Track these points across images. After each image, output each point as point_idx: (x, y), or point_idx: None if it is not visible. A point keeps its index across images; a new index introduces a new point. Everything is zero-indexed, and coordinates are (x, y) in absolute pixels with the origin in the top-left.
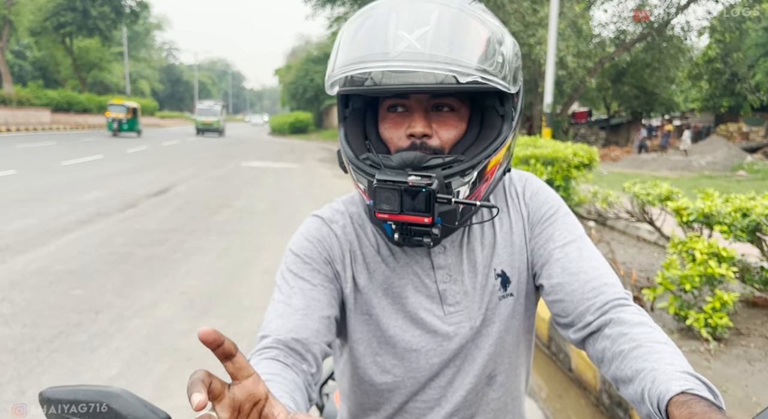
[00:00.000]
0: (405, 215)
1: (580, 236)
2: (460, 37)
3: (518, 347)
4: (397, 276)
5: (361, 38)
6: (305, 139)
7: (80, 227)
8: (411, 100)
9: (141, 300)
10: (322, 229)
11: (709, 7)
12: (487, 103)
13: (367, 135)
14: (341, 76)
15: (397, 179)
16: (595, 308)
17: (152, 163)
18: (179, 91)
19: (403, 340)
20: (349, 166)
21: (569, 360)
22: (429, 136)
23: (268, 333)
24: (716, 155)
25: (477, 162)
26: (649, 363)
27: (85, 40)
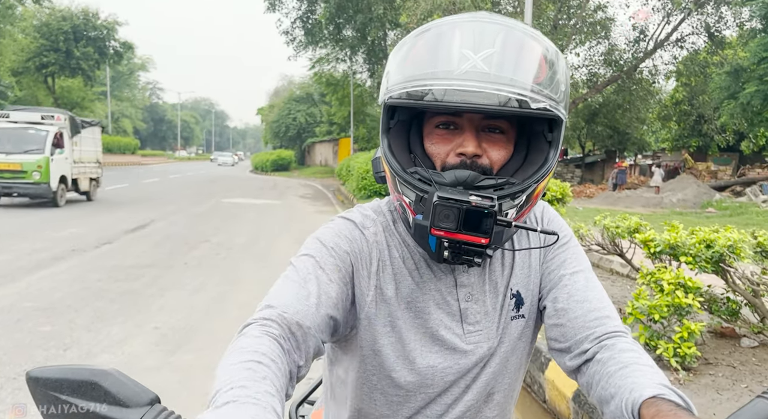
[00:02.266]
0: (463, 234)
1: (588, 268)
2: (526, 62)
3: (519, 369)
4: (421, 291)
5: (423, 54)
6: (287, 176)
7: (54, 264)
8: (463, 119)
9: (111, 336)
10: (354, 231)
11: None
12: (535, 128)
13: (412, 149)
14: (400, 92)
15: (460, 198)
16: (593, 337)
17: (131, 200)
18: (162, 130)
19: (422, 355)
20: (396, 178)
21: (543, 391)
22: (479, 156)
23: (276, 305)
24: (686, 192)
25: (527, 186)
26: (630, 379)
27: (67, 80)
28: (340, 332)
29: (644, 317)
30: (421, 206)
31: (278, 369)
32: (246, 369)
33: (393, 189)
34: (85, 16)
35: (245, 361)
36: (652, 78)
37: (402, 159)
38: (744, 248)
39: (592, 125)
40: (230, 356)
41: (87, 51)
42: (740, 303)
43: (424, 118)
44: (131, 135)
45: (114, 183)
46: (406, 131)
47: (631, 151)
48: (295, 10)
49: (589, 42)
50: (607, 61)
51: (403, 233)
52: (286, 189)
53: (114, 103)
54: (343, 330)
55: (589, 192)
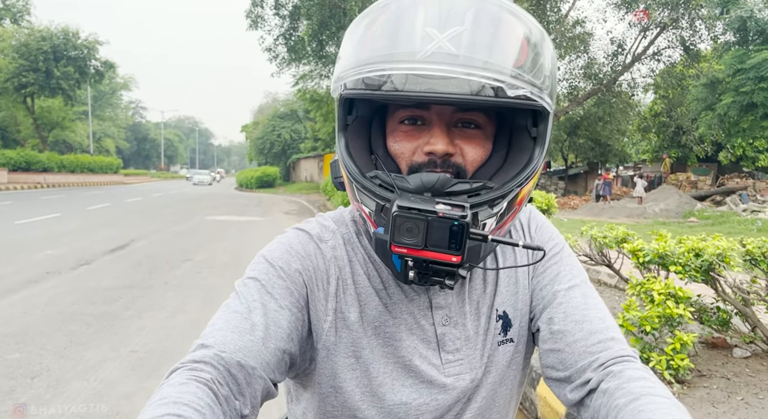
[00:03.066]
0: (429, 251)
1: (585, 281)
2: (502, 41)
3: (510, 402)
4: (390, 315)
5: (380, 34)
6: (273, 193)
7: (27, 287)
8: (431, 113)
9: (84, 361)
10: (308, 245)
11: (652, 66)
12: (517, 122)
13: (373, 149)
14: (354, 78)
15: (424, 208)
16: (597, 364)
17: (112, 219)
18: (145, 149)
19: (392, 390)
20: (352, 184)
21: (535, 408)
22: (451, 154)
23: (211, 344)
24: (669, 202)
25: (508, 191)
26: (644, 414)
27: (47, 101)
28: (298, 365)
29: (635, 328)
30: (382, 217)
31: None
32: None
33: (352, 197)
34: (66, 36)
35: (159, 417)
36: (631, 91)
37: (361, 162)
38: (733, 256)
39: (573, 138)
40: (147, 409)
41: (67, 70)
42: (730, 313)
43: (387, 113)
44: (114, 155)
45: (96, 203)
46: (367, 129)
47: (612, 162)
48: (278, 27)
49: (569, 56)
50: (587, 74)
51: (368, 247)
52: (272, 206)
53: (96, 123)
54: (300, 363)
55: (573, 204)
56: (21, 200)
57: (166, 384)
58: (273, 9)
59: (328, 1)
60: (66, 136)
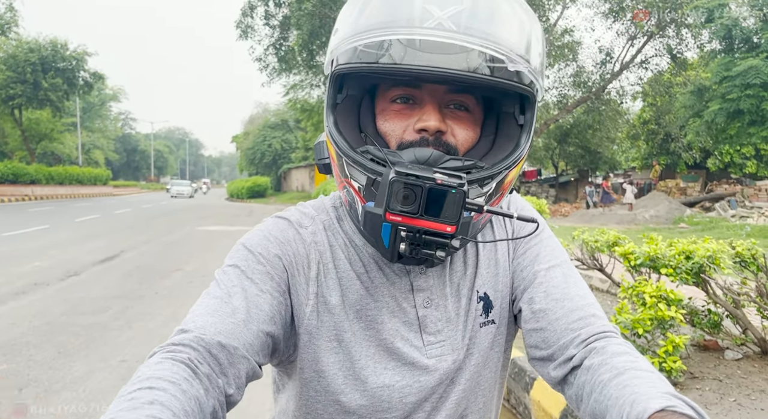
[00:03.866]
0: (425, 220)
1: (566, 261)
2: (501, 22)
3: (494, 385)
4: (372, 298)
5: (379, 7)
6: (264, 202)
7: (14, 299)
8: (423, 92)
9: (73, 372)
10: (287, 231)
11: (640, 74)
12: (505, 109)
13: (363, 128)
14: (349, 48)
15: (423, 174)
16: (579, 340)
17: (102, 231)
18: (135, 160)
19: (375, 373)
20: (342, 159)
21: (529, 412)
22: (443, 132)
23: (191, 329)
24: (659, 209)
25: (498, 171)
26: (629, 388)
27: (35, 112)
28: (282, 351)
29: (628, 331)
30: (373, 191)
31: (179, 391)
32: (128, 400)
33: (339, 174)
34: (54, 47)
35: (131, 392)
36: (620, 98)
37: (351, 138)
38: (723, 258)
39: (564, 146)
40: (121, 389)
41: (55, 82)
42: (721, 315)
43: (377, 92)
44: (103, 166)
45: (85, 215)
46: (356, 108)
47: (602, 170)
48: (268, 37)
49: (558, 64)
50: (576, 82)
51: (350, 231)
52: (263, 215)
53: (85, 135)
54: (284, 349)
55: (564, 211)
56: (8, 212)
57: (143, 366)
58: (263, 19)
59: (318, 12)
60: (54, 148)
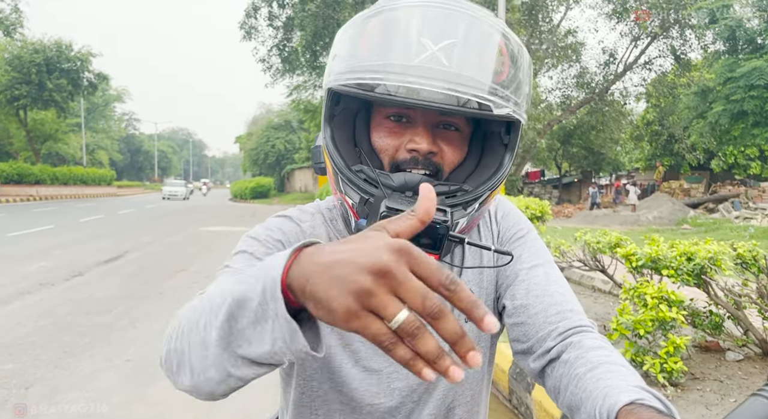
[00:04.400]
0: None
1: (548, 262)
2: (490, 59)
3: (482, 379)
4: None
5: (377, 40)
6: (267, 203)
7: (20, 299)
8: (416, 112)
9: (79, 371)
10: (286, 224)
11: (643, 75)
12: (492, 128)
13: (357, 142)
14: (350, 82)
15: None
16: (557, 333)
17: (106, 231)
18: (139, 161)
19: (366, 356)
20: (337, 176)
21: (531, 412)
22: (434, 153)
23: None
24: (662, 210)
25: (481, 194)
26: (602, 381)
27: (40, 113)
28: None
29: (629, 332)
30: (365, 209)
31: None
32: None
33: (335, 187)
34: (58, 48)
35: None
36: (623, 99)
37: (346, 153)
38: (725, 260)
39: (567, 147)
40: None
41: (60, 83)
42: (723, 316)
43: (373, 107)
44: (107, 167)
45: (89, 215)
46: (352, 120)
47: (606, 171)
48: (272, 38)
49: (561, 65)
50: (579, 83)
51: (343, 230)
52: (266, 216)
53: (89, 135)
54: None
55: (567, 212)
56: (13, 212)
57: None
58: (267, 20)
59: (322, 13)
60: (59, 148)
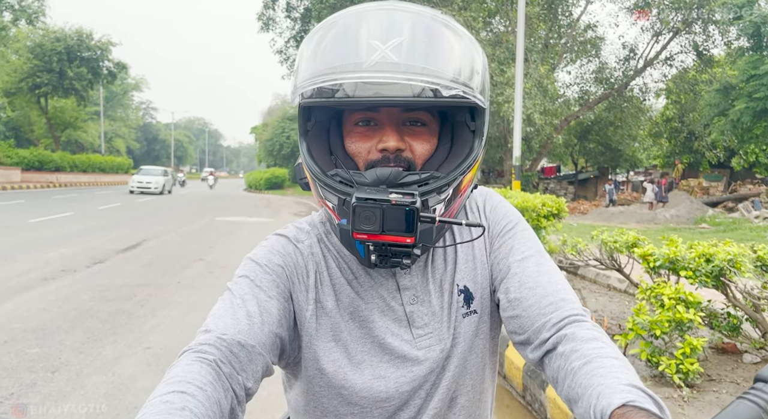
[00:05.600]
0: (386, 235)
1: (539, 252)
2: (437, 49)
3: (483, 369)
4: (363, 300)
5: (330, 48)
6: (281, 194)
7: (43, 284)
8: (382, 114)
9: (102, 357)
10: (287, 246)
11: (664, 71)
12: (458, 118)
13: (332, 150)
14: (309, 88)
15: (379, 197)
16: (551, 324)
17: (124, 219)
18: (155, 150)
19: (371, 366)
20: (315, 183)
21: (545, 409)
22: (402, 150)
23: (213, 329)
24: (680, 208)
25: (453, 179)
26: (596, 378)
27: (60, 101)
28: (288, 353)
29: (645, 332)
30: (344, 209)
31: (205, 397)
32: (163, 402)
33: (316, 195)
34: (79, 37)
35: (166, 393)
36: (643, 96)
37: (322, 162)
38: (744, 262)
39: (584, 142)
40: (156, 389)
41: (80, 71)
42: (741, 318)
43: (343, 116)
44: (124, 155)
45: (107, 203)
46: (326, 132)
47: (623, 168)
48: (289, 29)
49: (580, 60)
50: (598, 79)
51: (337, 243)
52: (280, 207)
53: (107, 123)
54: (290, 351)
55: (583, 209)
56: (34, 198)
57: (175, 365)
58: (284, 11)
59: (339, 4)
60: (78, 136)
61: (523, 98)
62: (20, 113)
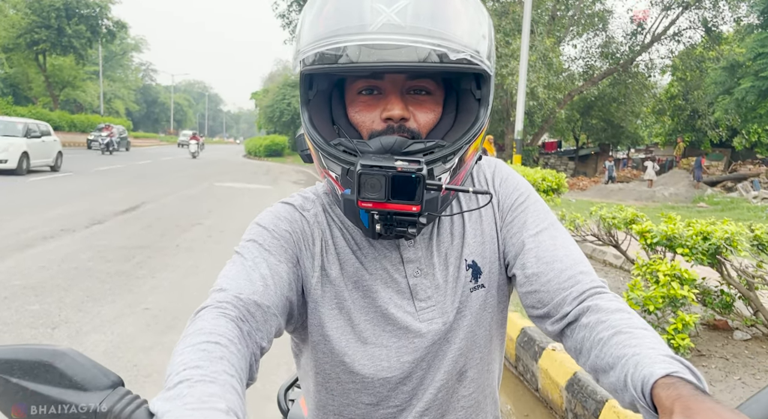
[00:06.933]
0: (392, 203)
1: (552, 224)
2: (443, 12)
3: (491, 341)
4: (367, 271)
5: (333, 12)
6: (281, 162)
7: (43, 243)
8: (386, 82)
9: (101, 316)
10: (294, 214)
11: (671, 47)
12: (463, 86)
13: (335, 120)
14: (311, 53)
15: (385, 164)
16: (572, 298)
17: (123, 181)
18: (155, 113)
19: (374, 335)
20: (318, 152)
21: (536, 380)
22: (407, 119)
23: (227, 288)
24: (678, 187)
25: (458, 148)
26: (629, 348)
27: (59, 59)
28: (296, 318)
29: (639, 308)
30: (348, 179)
31: (237, 351)
32: (200, 350)
33: (319, 166)
34: None
35: (200, 343)
36: (648, 72)
37: (325, 132)
38: (741, 241)
39: (586, 118)
40: (185, 339)
41: (79, 29)
42: (734, 296)
43: (345, 85)
44: (123, 116)
45: (105, 165)
46: (328, 102)
47: (624, 145)
48: None
49: (587, 34)
50: (603, 53)
51: (342, 215)
52: (280, 174)
53: (106, 84)
54: (298, 315)
55: (582, 185)
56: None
57: (199, 319)
58: None
59: None
60: (77, 95)
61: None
62: (18, 69)
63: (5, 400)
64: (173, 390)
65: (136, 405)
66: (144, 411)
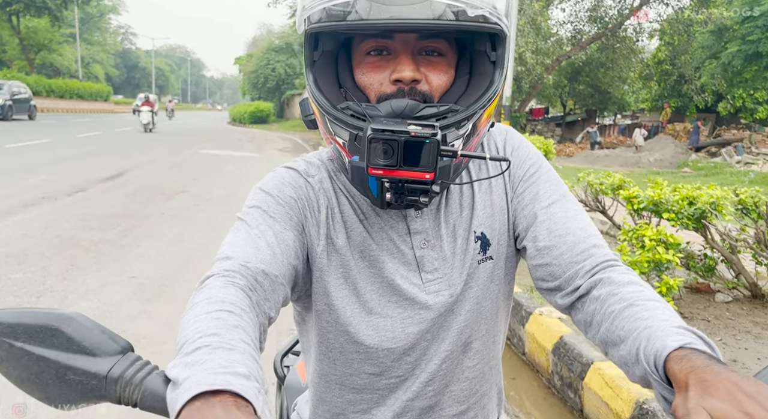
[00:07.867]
0: (404, 170)
1: (564, 195)
2: None
3: (497, 313)
4: (373, 240)
5: None
6: (266, 129)
7: (24, 210)
8: (396, 42)
9: (86, 284)
10: (298, 179)
11: (659, 10)
12: (477, 47)
13: (341, 82)
14: (317, 9)
15: (397, 129)
16: (584, 271)
17: (104, 148)
18: (135, 77)
19: (379, 305)
20: (324, 117)
21: (523, 344)
22: (418, 81)
23: (233, 257)
24: (664, 152)
25: (473, 112)
26: (641, 321)
27: (33, 20)
28: (300, 287)
29: None
30: (356, 145)
31: (250, 320)
32: (215, 318)
33: (324, 131)
34: None
35: (213, 311)
36: (636, 36)
37: (331, 95)
38: (726, 205)
39: (574, 84)
40: (195, 307)
41: None
42: (717, 260)
43: (352, 45)
44: (103, 81)
45: (86, 131)
46: (334, 63)
47: (611, 110)
48: None
49: None
50: (592, 17)
51: (347, 182)
52: (265, 142)
53: (84, 47)
54: (302, 284)
55: (569, 151)
56: (9, 123)
57: (206, 287)
58: None
59: None
60: (53, 59)
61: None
62: None
63: (9, 365)
64: (191, 356)
65: (148, 370)
66: (156, 377)
